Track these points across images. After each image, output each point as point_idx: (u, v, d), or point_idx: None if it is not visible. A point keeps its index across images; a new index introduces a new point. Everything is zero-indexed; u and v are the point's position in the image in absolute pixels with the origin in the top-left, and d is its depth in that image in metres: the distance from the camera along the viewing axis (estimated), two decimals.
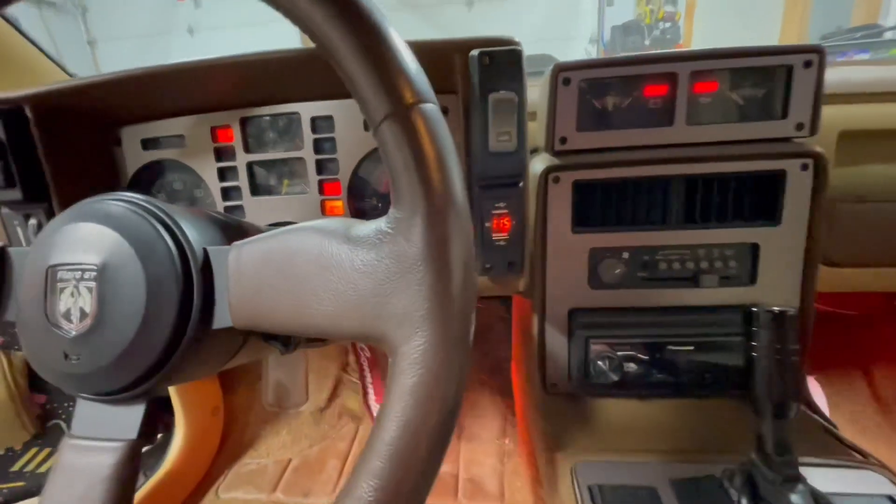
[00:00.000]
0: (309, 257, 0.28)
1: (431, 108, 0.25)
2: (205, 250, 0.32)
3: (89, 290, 0.30)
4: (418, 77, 0.25)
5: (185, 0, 5.83)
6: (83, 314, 0.30)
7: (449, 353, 0.24)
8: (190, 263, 0.31)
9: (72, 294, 0.31)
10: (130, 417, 0.32)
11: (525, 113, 0.47)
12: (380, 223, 0.26)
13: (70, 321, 0.31)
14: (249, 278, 0.30)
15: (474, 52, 0.45)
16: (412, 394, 0.23)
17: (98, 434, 0.32)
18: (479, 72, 0.45)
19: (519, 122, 0.46)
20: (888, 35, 1.10)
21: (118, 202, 0.32)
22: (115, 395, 0.32)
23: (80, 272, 0.31)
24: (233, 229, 0.38)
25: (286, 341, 0.41)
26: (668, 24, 4.57)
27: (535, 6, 4.95)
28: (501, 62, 0.45)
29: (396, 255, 0.25)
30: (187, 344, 0.31)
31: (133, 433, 0.32)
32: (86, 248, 0.31)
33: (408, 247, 0.25)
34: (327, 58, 0.25)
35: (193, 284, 0.31)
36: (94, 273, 0.30)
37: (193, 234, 0.33)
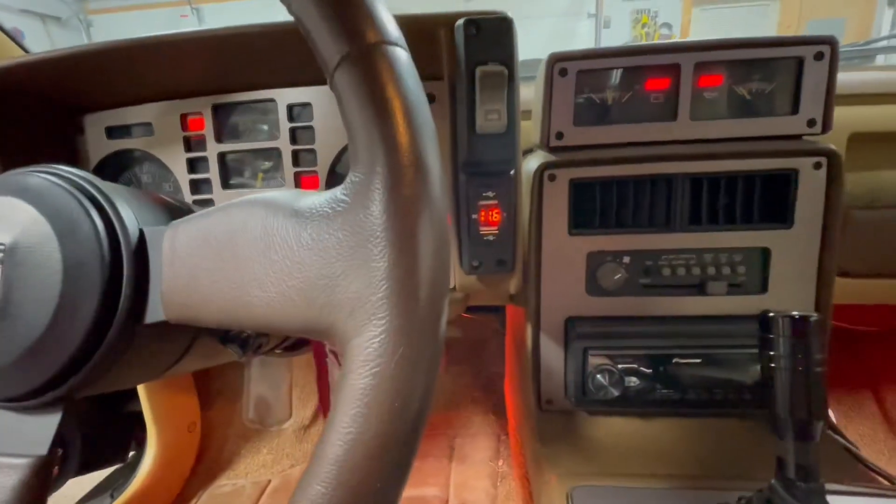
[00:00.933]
0: (252, 235, 0.23)
1: (398, 51, 0.21)
2: (141, 232, 0.28)
3: None
4: (385, 15, 0.21)
5: (188, 16, 5.93)
6: None
7: (413, 347, 0.19)
8: (121, 246, 0.27)
9: None
10: (41, 429, 0.27)
11: (516, 90, 0.43)
12: (335, 191, 0.22)
13: None
14: (184, 262, 0.25)
15: (460, 22, 0.41)
16: (363, 400, 0.18)
17: (1, 448, 0.27)
18: (464, 43, 0.41)
19: (509, 100, 0.42)
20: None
21: (43, 174, 0.28)
22: (23, 400, 0.27)
23: None
24: (183, 213, 0.33)
25: (244, 343, 0.36)
26: None
27: (532, 30, 5.03)
28: (490, 32, 0.41)
29: (351, 225, 0.20)
30: (113, 341, 0.26)
31: (43, 448, 0.27)
32: None
33: (364, 215, 0.20)
34: None
35: (123, 271, 0.26)
36: (0, 254, 0.26)
37: (129, 214, 0.28)
